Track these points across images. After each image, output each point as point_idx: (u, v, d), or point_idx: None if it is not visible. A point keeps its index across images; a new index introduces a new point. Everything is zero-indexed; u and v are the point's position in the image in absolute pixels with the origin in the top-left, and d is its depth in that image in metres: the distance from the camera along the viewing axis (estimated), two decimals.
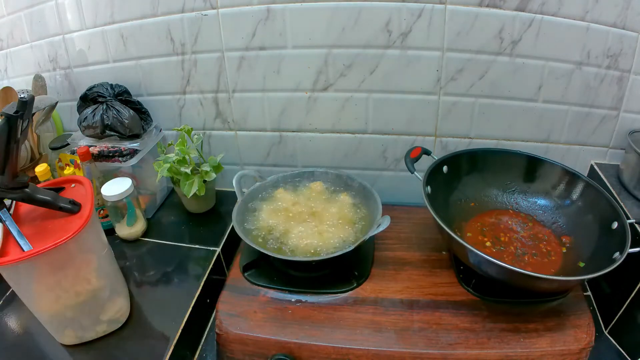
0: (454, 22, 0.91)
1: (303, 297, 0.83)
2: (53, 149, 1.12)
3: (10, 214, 0.73)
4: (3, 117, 0.63)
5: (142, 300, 0.89)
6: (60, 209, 0.73)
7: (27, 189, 0.72)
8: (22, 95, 0.64)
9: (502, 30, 0.90)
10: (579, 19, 0.88)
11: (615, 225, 0.77)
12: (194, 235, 1.06)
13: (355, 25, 0.94)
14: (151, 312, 0.86)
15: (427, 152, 0.96)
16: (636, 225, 0.76)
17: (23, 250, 0.65)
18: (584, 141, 1.02)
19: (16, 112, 0.63)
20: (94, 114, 1.04)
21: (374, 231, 0.82)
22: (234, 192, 0.96)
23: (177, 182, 1.05)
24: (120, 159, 1.04)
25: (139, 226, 1.04)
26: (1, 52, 1.22)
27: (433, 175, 0.89)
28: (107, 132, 1.04)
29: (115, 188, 0.96)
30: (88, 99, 1.07)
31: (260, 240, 0.89)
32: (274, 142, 1.14)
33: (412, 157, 0.93)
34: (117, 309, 0.81)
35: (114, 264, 0.84)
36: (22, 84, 1.22)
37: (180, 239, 1.04)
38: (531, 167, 0.94)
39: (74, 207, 0.73)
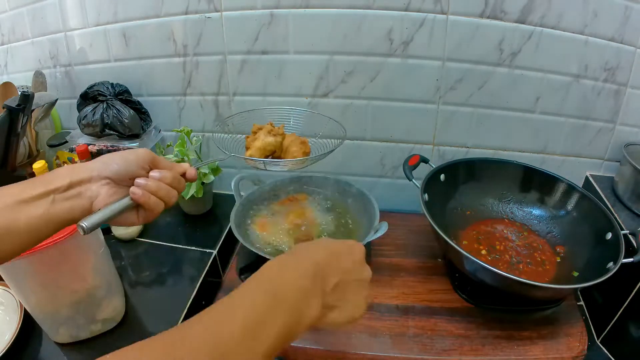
0: (455, 33, 0.92)
1: None
2: (51, 146, 1.12)
3: None
4: (5, 109, 0.63)
5: (137, 301, 0.88)
6: None
7: None
8: (23, 90, 0.65)
9: (502, 41, 0.92)
10: (578, 33, 0.89)
11: (609, 235, 0.78)
12: (190, 237, 1.06)
13: (357, 32, 0.95)
14: (146, 313, 0.86)
15: (425, 160, 0.96)
16: (630, 237, 0.77)
17: None
18: (580, 153, 1.04)
19: (18, 104, 0.63)
20: (94, 113, 1.04)
21: (371, 237, 0.83)
22: (231, 194, 0.97)
23: None
24: None
25: (135, 226, 1.03)
26: (2, 47, 1.22)
27: (430, 183, 0.89)
28: (107, 131, 1.04)
29: None
30: (88, 97, 1.07)
31: (258, 243, 0.89)
32: None
33: (410, 164, 0.94)
34: (112, 309, 0.81)
35: (110, 264, 0.84)
36: (21, 80, 1.21)
37: (176, 240, 1.04)
38: (527, 178, 0.95)
39: None
